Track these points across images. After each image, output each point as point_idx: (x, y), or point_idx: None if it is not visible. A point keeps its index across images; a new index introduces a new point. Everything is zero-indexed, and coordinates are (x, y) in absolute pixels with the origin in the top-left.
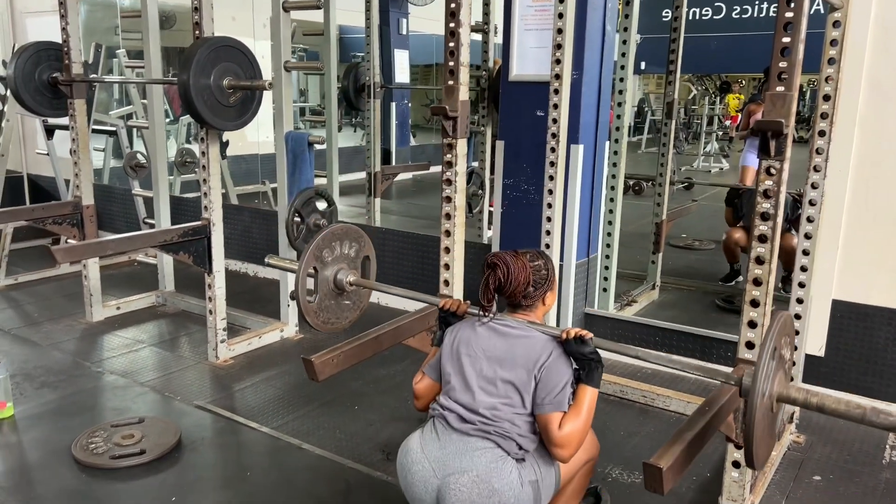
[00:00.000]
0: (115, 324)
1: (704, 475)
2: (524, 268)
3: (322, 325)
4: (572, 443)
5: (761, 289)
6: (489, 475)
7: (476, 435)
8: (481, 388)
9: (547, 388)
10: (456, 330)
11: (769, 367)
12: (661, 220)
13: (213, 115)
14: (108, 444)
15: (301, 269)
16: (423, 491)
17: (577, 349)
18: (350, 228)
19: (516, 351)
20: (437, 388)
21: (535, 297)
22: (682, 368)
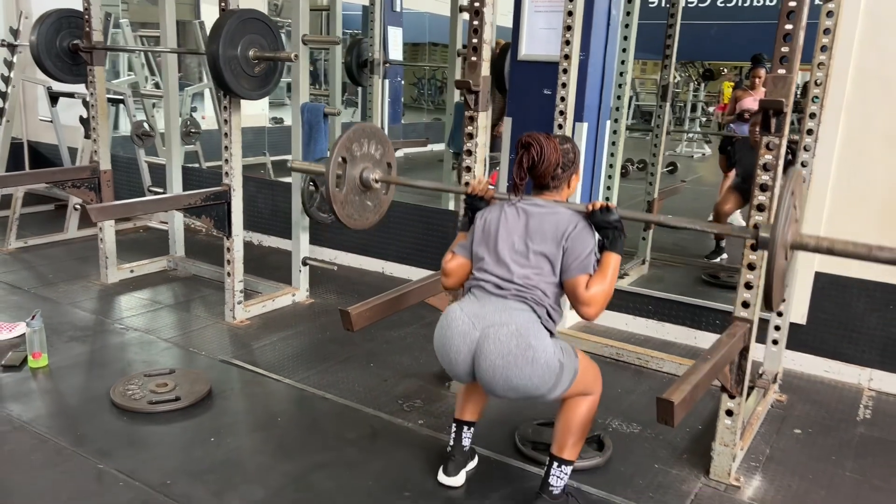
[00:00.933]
0: (129, 286)
1: (697, 428)
2: (556, 149)
3: (346, 218)
4: (598, 301)
5: (758, 253)
6: (528, 331)
7: (513, 298)
8: (514, 262)
9: (573, 255)
10: (485, 213)
11: (787, 215)
12: (652, 198)
13: (239, 85)
14: (144, 391)
15: (334, 155)
16: (460, 343)
17: (603, 218)
18: (377, 129)
19: (544, 225)
20: (467, 267)
21: (562, 178)
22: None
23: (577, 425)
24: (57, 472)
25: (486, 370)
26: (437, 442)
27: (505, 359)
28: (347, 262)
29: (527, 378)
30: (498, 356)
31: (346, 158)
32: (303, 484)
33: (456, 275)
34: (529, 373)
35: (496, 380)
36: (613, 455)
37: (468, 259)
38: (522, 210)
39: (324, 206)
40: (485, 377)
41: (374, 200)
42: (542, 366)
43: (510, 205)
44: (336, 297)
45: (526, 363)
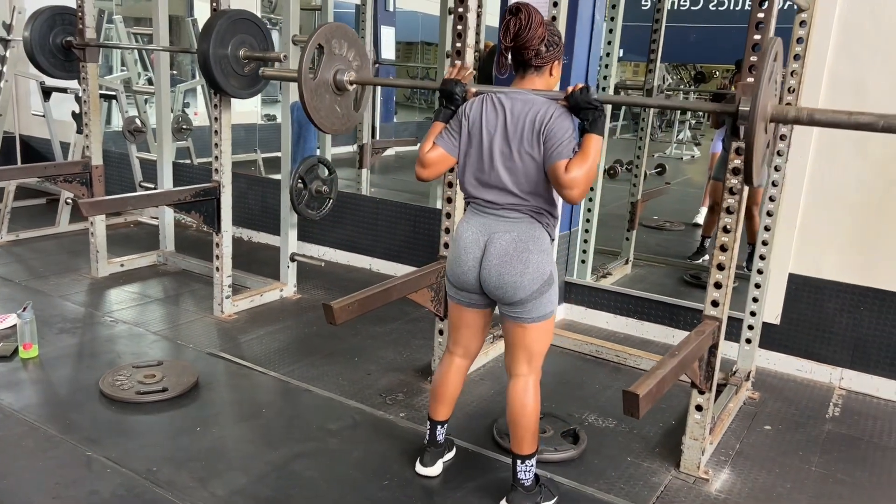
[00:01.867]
0: (119, 279)
1: (670, 423)
2: (542, 23)
3: (313, 109)
4: (579, 183)
5: (727, 254)
6: (527, 236)
7: (512, 209)
8: (503, 166)
9: (552, 142)
10: (466, 110)
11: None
12: (636, 199)
13: (229, 84)
14: (132, 382)
15: (311, 40)
16: (473, 248)
17: (583, 97)
18: (358, 39)
19: (523, 119)
20: (450, 162)
21: (545, 58)
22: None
23: (529, 418)
24: (46, 459)
25: (486, 267)
26: (417, 434)
27: (501, 258)
28: (335, 259)
29: (517, 274)
30: (496, 256)
31: (324, 48)
32: (285, 472)
33: (435, 167)
34: (521, 269)
35: (491, 275)
36: (588, 448)
37: (453, 155)
38: (500, 103)
39: (312, 203)
40: (484, 273)
41: (344, 108)
42: (533, 268)
43: (488, 97)
44: (323, 292)
45: (519, 262)
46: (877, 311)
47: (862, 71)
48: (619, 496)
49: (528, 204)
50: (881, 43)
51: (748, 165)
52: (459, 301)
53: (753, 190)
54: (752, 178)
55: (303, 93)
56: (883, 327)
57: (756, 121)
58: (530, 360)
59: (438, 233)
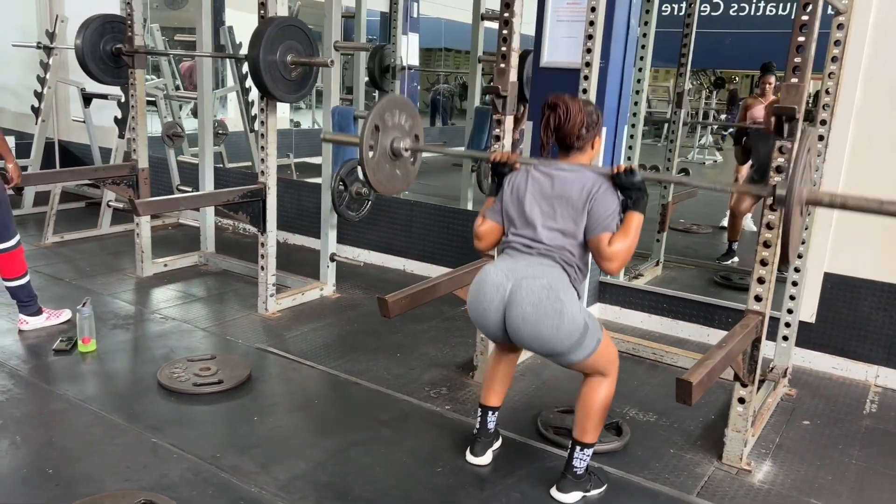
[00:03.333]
0: (164, 279)
1: (709, 417)
2: (580, 109)
3: (377, 183)
4: (620, 256)
5: (770, 250)
6: (558, 286)
7: (544, 255)
8: (543, 223)
9: (597, 214)
10: (512, 178)
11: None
12: (667, 201)
13: (277, 88)
14: (188, 374)
15: (368, 122)
16: (493, 293)
17: (628, 179)
18: (406, 101)
19: (570, 187)
20: (498, 230)
21: (586, 139)
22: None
23: (596, 409)
24: (115, 445)
25: (516, 317)
26: (464, 425)
27: (535, 307)
28: (370, 260)
29: (554, 329)
30: (528, 304)
31: (379, 127)
32: (342, 458)
33: (487, 237)
34: (557, 324)
35: (524, 327)
36: (631, 440)
37: (498, 223)
38: (548, 174)
39: (352, 204)
40: (514, 323)
41: (403, 170)
42: (569, 319)
43: (536, 169)
44: (361, 292)
45: (555, 314)
46: None
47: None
48: (666, 485)
49: (561, 254)
50: None
51: (785, 248)
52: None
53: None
54: (789, 259)
55: (366, 170)
56: None
57: (793, 208)
58: (602, 373)
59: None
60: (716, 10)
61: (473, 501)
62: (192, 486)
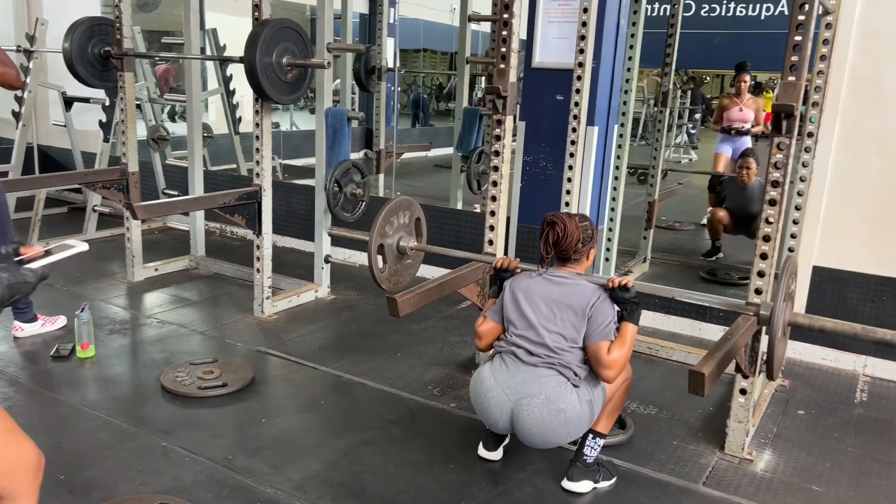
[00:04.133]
0: (155, 283)
1: (708, 409)
2: (577, 226)
3: (393, 287)
4: (617, 365)
5: (769, 244)
6: (556, 397)
7: (542, 366)
8: (543, 326)
9: (596, 323)
10: (514, 281)
11: (783, 302)
12: (653, 199)
13: (273, 90)
14: (192, 378)
15: (372, 248)
16: (498, 413)
17: (622, 295)
18: (402, 200)
19: (570, 295)
20: (498, 330)
21: (582, 252)
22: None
23: (613, 401)
24: (125, 450)
25: (525, 436)
26: (471, 422)
27: (540, 427)
28: (363, 262)
29: (563, 435)
30: (533, 425)
31: (384, 245)
32: (354, 457)
33: (487, 337)
34: (564, 432)
35: (536, 442)
36: (635, 434)
37: (498, 323)
38: (548, 280)
39: (347, 206)
40: (525, 440)
41: (413, 256)
42: (574, 420)
43: (537, 275)
44: (355, 293)
45: (560, 425)
46: None
47: (882, 71)
48: (673, 475)
49: (559, 358)
50: None
51: (770, 365)
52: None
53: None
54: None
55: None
56: None
57: (777, 330)
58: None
59: (462, 232)
60: (687, 10)
61: (487, 496)
62: (208, 489)
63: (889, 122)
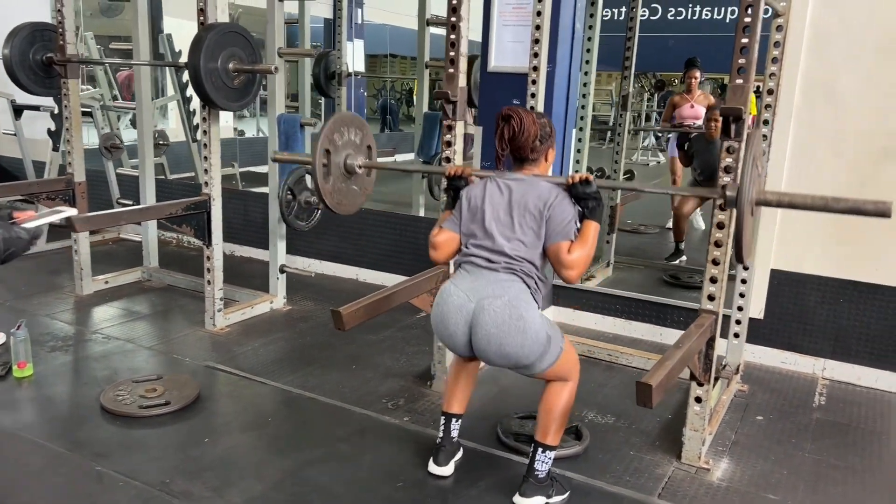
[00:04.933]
0: (105, 297)
1: (666, 417)
2: (534, 122)
3: (336, 205)
4: (579, 264)
5: (721, 250)
6: (518, 302)
7: (504, 271)
8: (501, 234)
9: (555, 223)
10: (469, 191)
11: (750, 176)
12: (615, 203)
13: (220, 96)
14: (133, 397)
15: (318, 148)
16: (458, 316)
17: (583, 190)
18: (354, 116)
19: (527, 198)
20: (455, 241)
21: (540, 150)
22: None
23: (559, 412)
24: (57, 476)
25: (482, 338)
26: (423, 437)
27: (499, 328)
28: (322, 270)
29: (518, 346)
30: (492, 325)
31: (330, 150)
32: (299, 478)
33: (444, 248)
34: (521, 341)
35: (491, 347)
36: (591, 444)
37: (456, 233)
38: (505, 185)
39: (301, 214)
40: (480, 345)
41: (360, 184)
42: (532, 335)
43: (492, 181)
44: (313, 304)
45: (518, 332)
46: (855, 303)
47: (834, 73)
48: (628, 488)
49: (522, 267)
50: (850, 45)
51: (738, 248)
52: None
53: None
54: (744, 257)
55: (324, 199)
56: (861, 318)
57: (744, 208)
58: (563, 379)
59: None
60: (654, 14)
61: None
62: None
63: (843, 125)
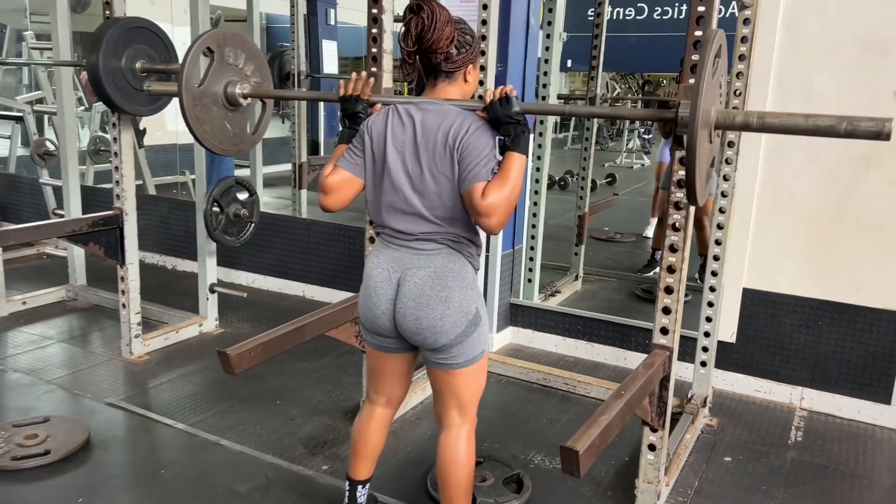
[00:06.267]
0: (20, 319)
1: (623, 459)
2: (450, 20)
3: (195, 120)
4: (498, 210)
5: (675, 276)
6: (445, 272)
7: (425, 240)
8: (413, 190)
9: (468, 160)
10: (370, 125)
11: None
12: (583, 212)
13: (125, 100)
14: (9, 445)
15: (197, 43)
16: (385, 291)
17: (503, 111)
18: (259, 54)
19: (434, 134)
20: (355, 184)
21: (457, 62)
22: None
23: (461, 476)
24: None
25: (399, 310)
26: (338, 491)
27: (417, 299)
28: (266, 286)
29: (437, 318)
30: (410, 298)
31: (215, 55)
32: None
33: (339, 192)
34: (441, 312)
35: (407, 319)
36: (533, 495)
37: (354, 175)
38: (409, 116)
39: (230, 228)
40: (398, 316)
41: (237, 128)
42: (455, 306)
43: (394, 111)
44: (249, 325)
45: (439, 302)
46: (836, 326)
47: (809, 73)
48: None
49: (445, 231)
50: (827, 41)
51: (690, 181)
52: (377, 346)
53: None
54: (696, 196)
55: (183, 99)
56: (842, 343)
57: (698, 128)
58: (462, 408)
59: None
60: (640, 13)
61: None
62: None
63: None
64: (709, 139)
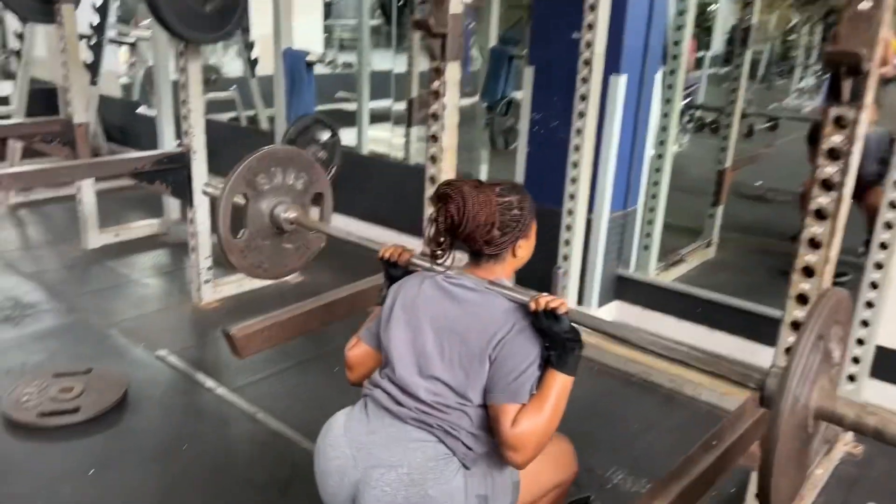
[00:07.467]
0: (110, 253)
1: (728, 491)
2: (487, 203)
3: (251, 268)
4: (528, 445)
5: (819, 256)
6: (424, 476)
7: (413, 424)
8: (418, 367)
9: (502, 372)
10: (398, 288)
11: (806, 365)
12: (723, 167)
13: (184, 26)
14: (41, 398)
15: (224, 190)
16: (337, 484)
17: (548, 325)
18: (298, 154)
19: (469, 321)
20: (374, 358)
21: (501, 244)
22: (695, 363)
23: None
24: None
25: None
26: None
27: None
28: (359, 232)
29: None
30: None
31: (249, 196)
32: None
33: (360, 367)
34: None
35: None
36: None
37: (375, 349)
38: (446, 291)
39: None
40: None
41: (297, 242)
42: None
43: (431, 278)
44: (331, 275)
45: None
46: None
47: None
48: None
49: (440, 417)
50: None
51: (765, 481)
52: None
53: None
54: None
55: (231, 260)
56: None
57: (781, 420)
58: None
59: None
60: None
61: None
62: None
63: None
64: (804, 428)
